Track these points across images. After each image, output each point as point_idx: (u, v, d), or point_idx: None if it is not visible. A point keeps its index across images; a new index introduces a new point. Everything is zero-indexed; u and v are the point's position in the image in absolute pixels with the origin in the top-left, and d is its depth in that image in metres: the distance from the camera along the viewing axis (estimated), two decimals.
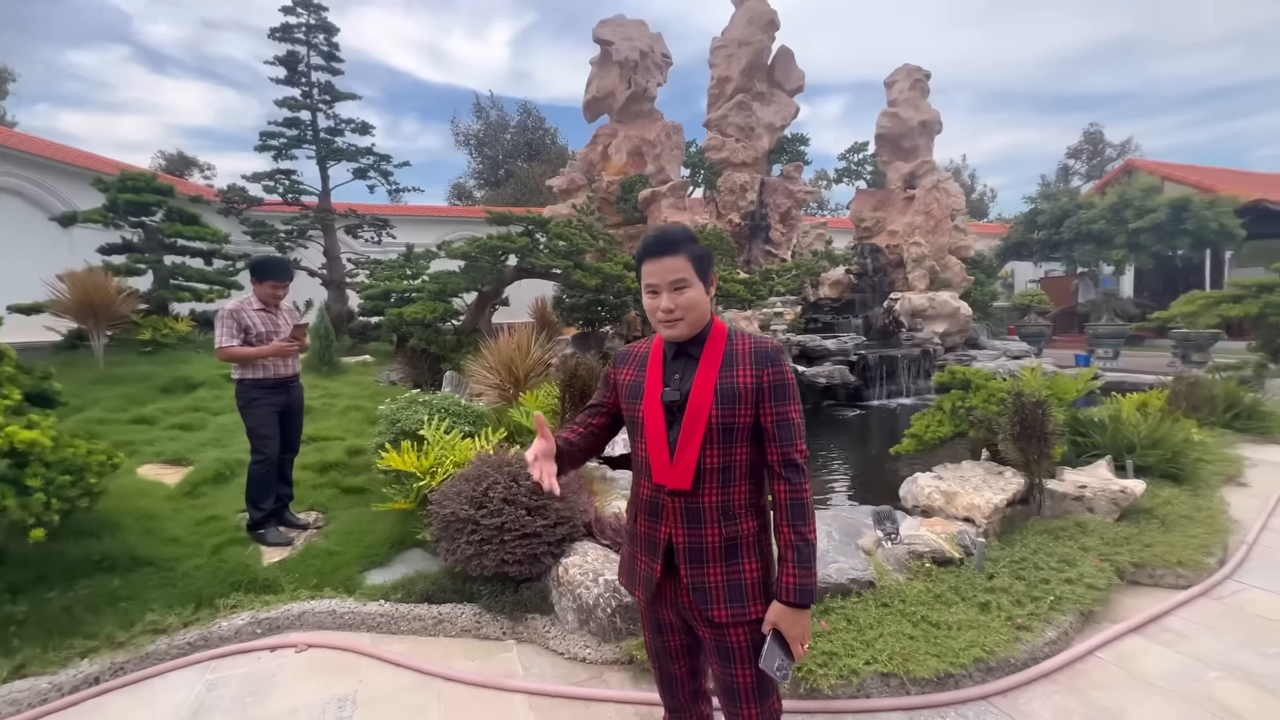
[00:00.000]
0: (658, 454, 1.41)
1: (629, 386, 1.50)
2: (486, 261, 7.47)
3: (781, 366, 1.38)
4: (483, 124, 30.85)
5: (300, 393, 3.99)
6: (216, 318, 3.68)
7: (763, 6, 13.43)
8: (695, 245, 1.41)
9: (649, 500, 1.46)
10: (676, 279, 1.36)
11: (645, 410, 1.43)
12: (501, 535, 2.86)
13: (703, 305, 1.40)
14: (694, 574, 1.40)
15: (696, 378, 1.39)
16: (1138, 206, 14.64)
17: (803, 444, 1.37)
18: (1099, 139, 37.40)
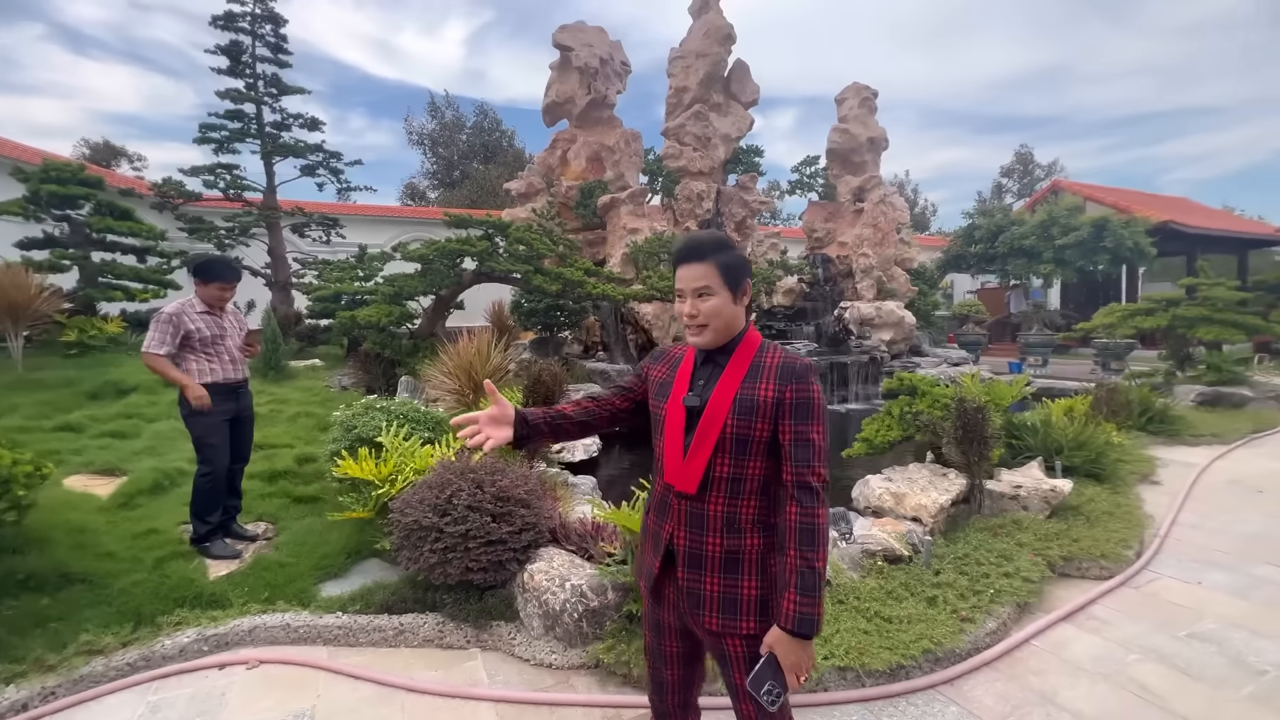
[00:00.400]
0: (672, 454, 1.42)
1: (658, 384, 1.52)
2: (444, 264, 7.34)
3: (807, 384, 1.34)
4: (437, 124, 30.26)
5: (250, 399, 3.84)
6: (153, 319, 3.48)
7: (720, 20, 13.74)
8: (726, 254, 1.40)
9: (660, 497, 1.49)
10: (700, 286, 1.38)
11: (668, 410, 1.45)
12: (466, 543, 2.84)
13: (727, 314, 1.39)
14: (691, 578, 1.41)
15: (718, 386, 1.38)
16: (1063, 224, 15.70)
17: (821, 467, 1.31)
18: (1029, 159, 39.88)
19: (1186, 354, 9.24)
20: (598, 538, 3.11)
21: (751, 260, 14.36)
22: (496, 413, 1.51)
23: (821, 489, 1.30)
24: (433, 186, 30.67)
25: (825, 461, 1.31)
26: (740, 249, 1.46)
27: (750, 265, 1.45)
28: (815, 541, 1.27)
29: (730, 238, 1.49)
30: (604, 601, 2.69)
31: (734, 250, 1.43)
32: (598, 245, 12.07)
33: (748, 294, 1.43)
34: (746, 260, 1.44)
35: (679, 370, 1.49)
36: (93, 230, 8.42)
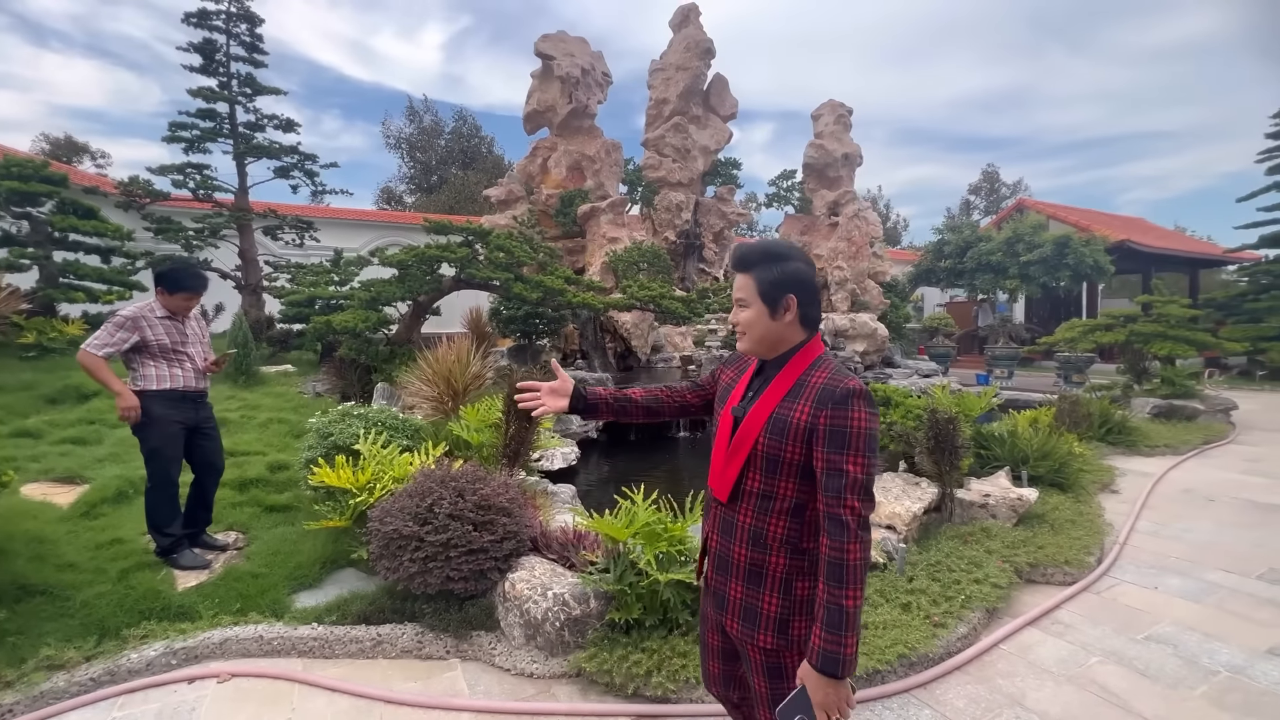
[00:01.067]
0: (715, 460, 1.45)
1: (723, 388, 1.55)
2: (423, 270, 7.28)
3: (846, 411, 1.24)
4: (416, 128, 30.01)
5: (210, 411, 3.73)
6: (107, 319, 3.34)
7: (700, 35, 13.97)
8: (767, 268, 1.35)
9: (707, 497, 1.55)
10: (739, 296, 1.40)
11: (720, 416, 1.47)
12: (447, 552, 2.82)
13: (760, 328, 1.36)
14: (718, 581, 1.45)
15: (758, 401, 1.36)
16: (1028, 241, 16.27)
17: (856, 500, 1.21)
18: (995, 178, 41.24)
19: (1143, 368, 9.65)
20: (579, 546, 3.12)
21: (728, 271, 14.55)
22: (557, 385, 1.60)
23: (854, 522, 1.21)
24: (410, 191, 30.38)
25: (862, 495, 1.22)
26: (798, 262, 1.37)
27: (806, 281, 1.36)
28: (844, 578, 1.20)
29: (787, 249, 1.39)
30: (586, 610, 2.70)
31: (782, 264, 1.35)
32: (577, 253, 12.10)
33: (790, 310, 1.35)
34: (797, 276, 1.35)
35: (742, 378, 1.48)
36: (55, 229, 8.13)
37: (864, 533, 1.22)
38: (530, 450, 4.11)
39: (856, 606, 1.20)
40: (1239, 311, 14.91)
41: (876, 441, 1.26)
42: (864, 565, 1.22)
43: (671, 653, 2.51)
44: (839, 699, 1.21)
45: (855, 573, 1.20)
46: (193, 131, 11.01)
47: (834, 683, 1.20)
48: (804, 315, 1.36)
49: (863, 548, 1.22)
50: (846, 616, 1.19)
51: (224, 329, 9.32)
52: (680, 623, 2.64)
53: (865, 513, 1.22)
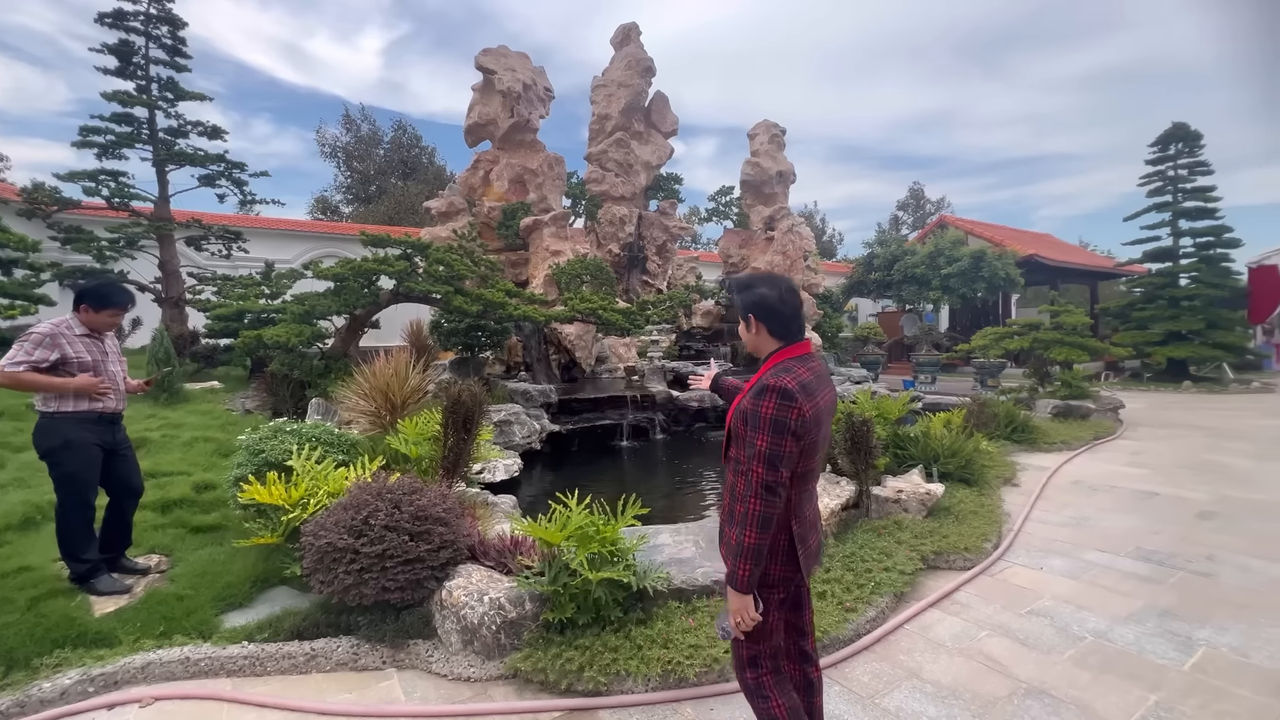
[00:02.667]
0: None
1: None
2: (360, 284, 7.17)
3: (759, 400, 1.62)
4: (353, 136, 29.18)
5: (125, 433, 3.62)
6: (20, 338, 3.21)
7: (640, 54, 14.36)
8: (741, 294, 1.82)
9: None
10: (736, 319, 1.86)
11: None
12: (383, 562, 2.87)
13: (746, 338, 1.85)
14: (722, 527, 1.82)
15: (739, 396, 1.78)
16: (948, 255, 17.43)
17: (760, 467, 1.59)
18: (921, 195, 43.83)
19: (1045, 372, 10.54)
20: (517, 552, 3.22)
21: (671, 283, 14.91)
22: None
23: (756, 481, 1.59)
24: (347, 201, 29.46)
25: (764, 463, 1.59)
26: (761, 289, 1.78)
27: (762, 303, 1.76)
28: (743, 520, 1.61)
29: (754, 279, 1.83)
30: (522, 613, 2.80)
31: (751, 291, 1.80)
32: (520, 266, 12.13)
33: (756, 327, 1.78)
34: (757, 300, 1.77)
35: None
36: None
37: (764, 492, 1.59)
38: (469, 462, 4.17)
39: (751, 543, 1.61)
40: (1129, 319, 16.45)
41: (783, 425, 1.59)
42: (759, 514, 1.60)
43: (603, 648, 2.65)
44: (743, 607, 1.65)
45: (751, 518, 1.60)
46: (107, 136, 10.41)
47: (737, 595, 1.65)
48: (772, 329, 1.76)
49: (762, 503, 1.60)
50: (743, 548, 1.62)
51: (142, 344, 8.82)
52: (612, 619, 2.79)
53: (766, 478, 1.59)
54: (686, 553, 3.45)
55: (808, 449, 1.68)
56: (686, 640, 2.72)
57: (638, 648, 2.67)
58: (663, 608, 2.97)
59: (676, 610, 2.96)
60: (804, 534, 1.76)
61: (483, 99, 12.36)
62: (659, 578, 2.96)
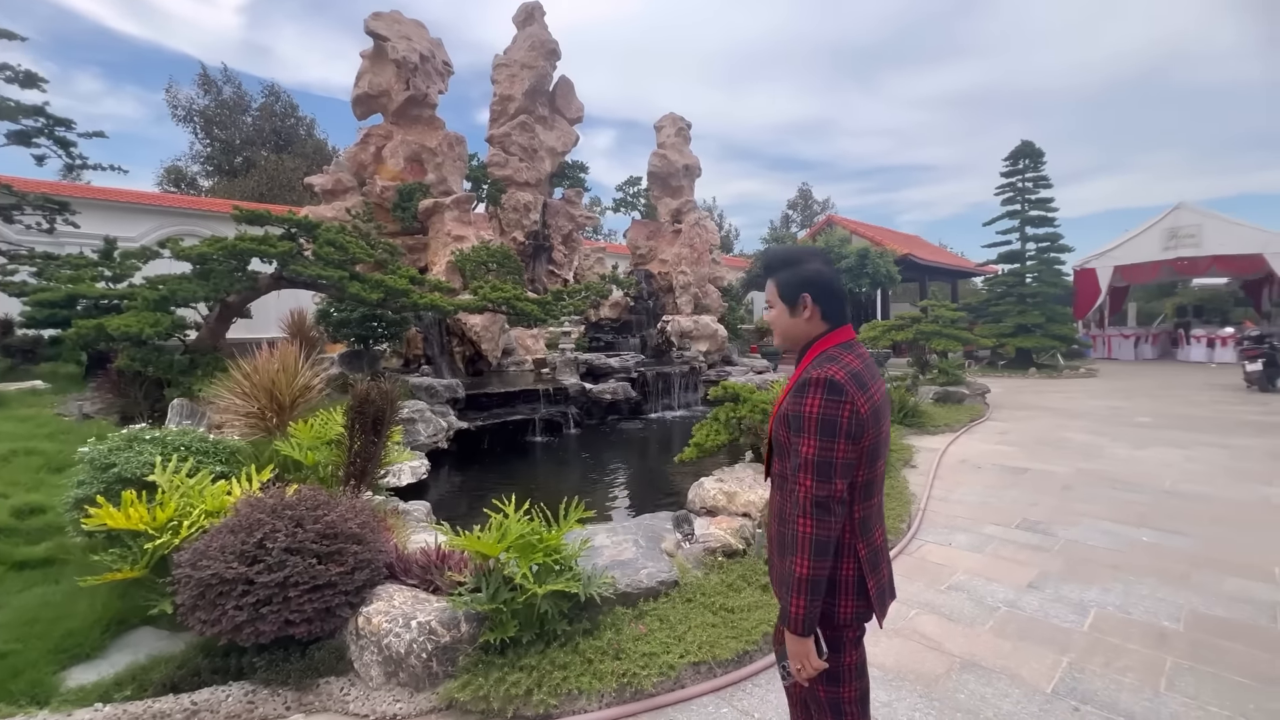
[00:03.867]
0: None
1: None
2: (232, 266, 6.23)
3: (802, 398, 1.35)
4: (213, 99, 25.74)
5: None
6: None
7: (544, 35, 13.85)
8: (786, 271, 1.50)
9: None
10: (767, 298, 1.56)
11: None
12: (285, 592, 2.44)
13: (782, 325, 1.52)
14: (770, 551, 1.60)
15: (780, 396, 1.51)
16: (836, 253, 18.62)
17: (808, 479, 1.31)
18: (809, 195, 46.61)
19: (925, 361, 11.55)
20: (445, 567, 2.90)
21: (577, 273, 14.63)
22: None
23: (804, 498, 1.31)
24: (206, 173, 26.00)
25: (813, 474, 1.31)
26: (815, 264, 1.48)
27: (818, 282, 1.45)
28: (795, 547, 1.32)
29: (805, 253, 1.52)
30: (457, 636, 2.51)
31: (798, 267, 1.48)
32: (419, 252, 11.29)
33: (809, 308, 1.45)
34: (812, 276, 1.46)
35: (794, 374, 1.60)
36: None
37: (815, 510, 1.31)
38: (379, 466, 3.73)
39: (805, 574, 1.31)
40: (986, 314, 18.54)
41: (833, 425, 1.31)
42: (811, 539, 1.31)
43: (551, 666, 2.43)
44: (802, 651, 1.35)
45: (804, 543, 1.32)
46: None
47: (794, 638, 1.36)
48: (825, 311, 1.46)
49: (814, 524, 1.31)
50: (796, 581, 1.32)
51: None
52: (559, 634, 2.58)
53: (816, 491, 1.31)
54: (627, 554, 3.30)
55: (868, 453, 1.37)
56: (639, 649, 2.58)
57: (589, 662, 2.48)
58: (609, 615, 2.80)
59: (624, 616, 2.80)
60: (874, 560, 1.44)
61: (373, 67, 11.30)
62: (604, 583, 2.78)
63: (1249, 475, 5.70)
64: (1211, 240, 17.58)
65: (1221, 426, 8.13)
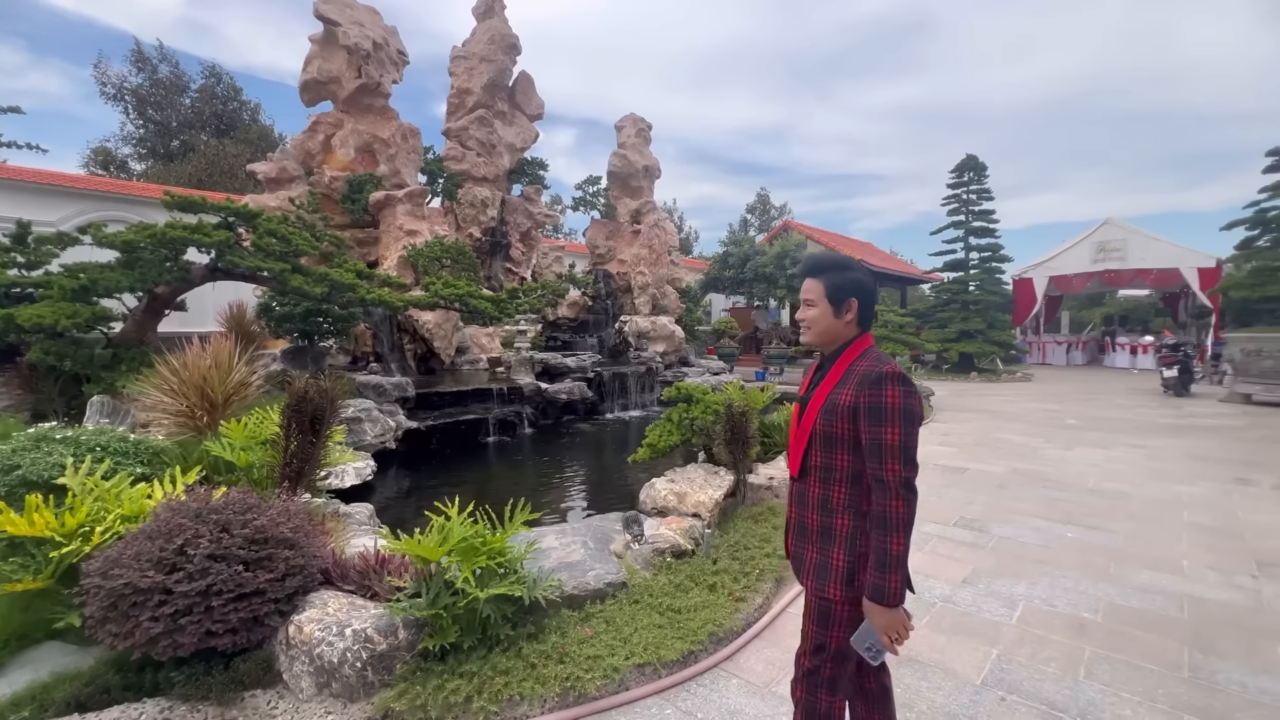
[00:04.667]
0: (791, 444, 1.70)
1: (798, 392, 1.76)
2: (163, 255, 5.86)
3: (881, 390, 1.49)
4: (147, 78, 24.27)
5: None
6: None
7: (505, 28, 13.64)
8: (837, 274, 1.63)
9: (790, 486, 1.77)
10: (808, 297, 1.66)
11: (795, 406, 1.74)
12: (208, 601, 2.30)
13: (823, 324, 1.64)
14: (796, 546, 1.72)
15: (818, 389, 1.63)
16: (793, 256, 19.02)
17: (897, 464, 1.46)
18: (767, 200, 47.51)
19: None
20: (384, 572, 2.80)
21: (536, 272, 14.47)
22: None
23: (895, 482, 1.46)
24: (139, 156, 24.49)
25: (902, 459, 1.46)
26: (860, 273, 1.65)
27: (863, 288, 1.63)
28: (888, 525, 1.47)
29: (846, 259, 1.69)
30: (394, 643, 2.42)
31: (848, 272, 1.64)
32: (369, 245, 10.94)
33: (852, 311, 1.62)
34: (860, 283, 1.63)
35: (808, 374, 1.76)
36: None
37: (905, 491, 1.47)
38: (317, 468, 3.58)
39: (900, 550, 1.48)
40: (932, 320, 19.28)
41: (912, 413, 1.50)
42: (908, 518, 1.48)
43: (493, 672, 2.38)
44: (895, 622, 1.50)
45: (899, 523, 1.47)
46: None
47: (886, 610, 1.49)
48: (862, 315, 1.64)
49: (905, 504, 1.47)
50: (891, 557, 1.48)
51: None
52: (502, 639, 2.52)
53: (907, 474, 1.47)
54: (575, 556, 3.26)
55: None
56: (584, 651, 2.55)
57: (532, 666, 2.44)
58: (555, 618, 2.77)
59: (570, 619, 2.77)
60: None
61: (323, 52, 10.88)
62: (550, 586, 2.74)
63: (1163, 474, 6.10)
64: (1135, 254, 18.79)
65: (1140, 429, 8.69)
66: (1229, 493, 5.43)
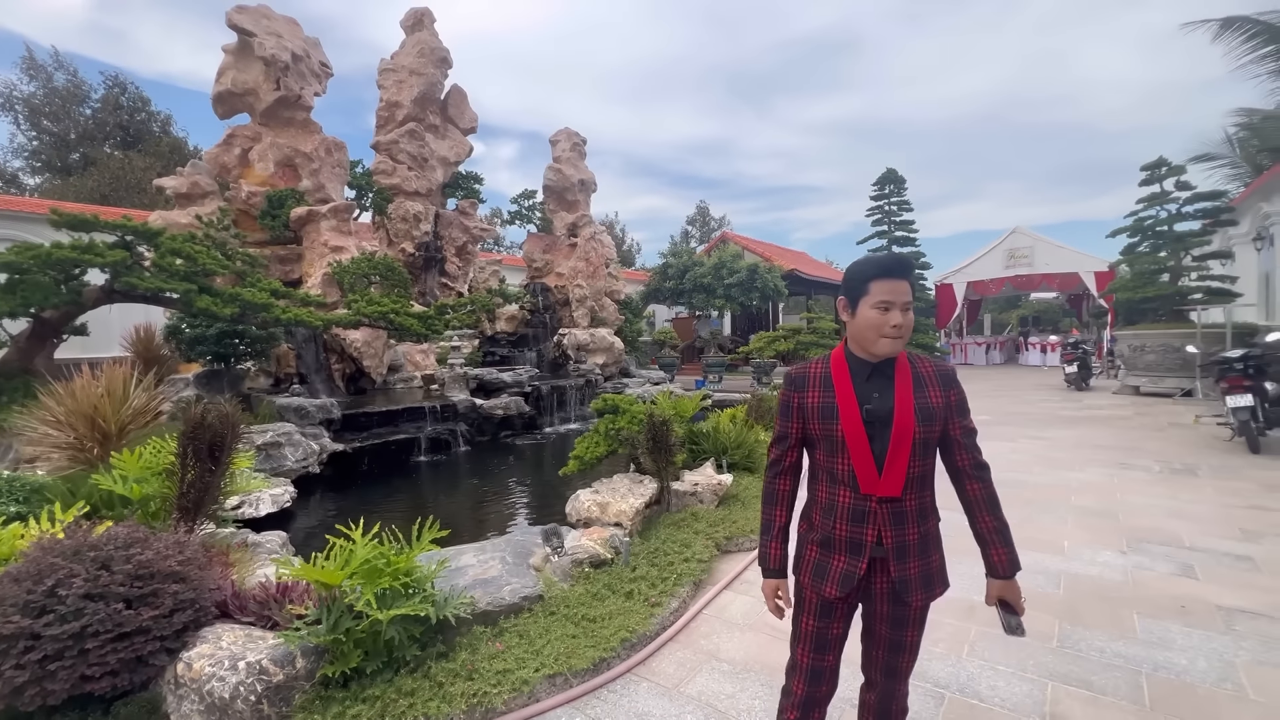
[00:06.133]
0: (864, 467, 1.54)
1: (820, 408, 1.60)
2: (50, 277, 5.47)
3: (958, 383, 1.62)
4: (41, 86, 22.56)
5: None
6: None
7: (435, 41, 13.51)
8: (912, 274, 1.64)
9: (853, 507, 1.59)
10: (908, 300, 1.54)
11: (845, 428, 1.55)
12: (81, 644, 2.18)
13: (910, 323, 1.60)
14: (900, 568, 1.58)
15: (898, 397, 1.54)
16: (729, 268, 19.52)
17: (979, 447, 1.63)
18: (707, 212, 48.55)
19: None
20: (286, 600, 2.71)
21: (473, 286, 14.28)
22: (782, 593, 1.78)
23: (986, 463, 1.63)
24: (32, 169, 22.66)
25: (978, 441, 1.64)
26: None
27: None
28: (998, 502, 1.62)
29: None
30: (292, 673, 2.36)
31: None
32: (291, 263, 10.53)
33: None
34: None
35: (837, 388, 1.60)
36: None
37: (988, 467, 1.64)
38: (218, 497, 3.43)
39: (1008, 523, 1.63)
40: None
41: None
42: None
43: (397, 694, 2.35)
44: (1019, 589, 1.63)
45: (997, 500, 1.63)
46: None
47: (1015, 581, 1.62)
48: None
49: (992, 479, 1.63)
50: (1009, 527, 1.63)
51: None
52: (408, 660, 2.50)
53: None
54: (493, 571, 3.26)
55: None
56: (493, 667, 2.56)
57: (439, 686, 2.43)
58: (466, 635, 2.76)
59: (482, 636, 2.77)
60: None
61: (237, 63, 10.46)
62: (461, 604, 2.74)
63: (1057, 463, 6.63)
64: (1041, 260, 20.32)
65: (1043, 421, 9.40)
66: (1111, 477, 5.95)
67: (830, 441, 1.60)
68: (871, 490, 1.56)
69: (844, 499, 1.60)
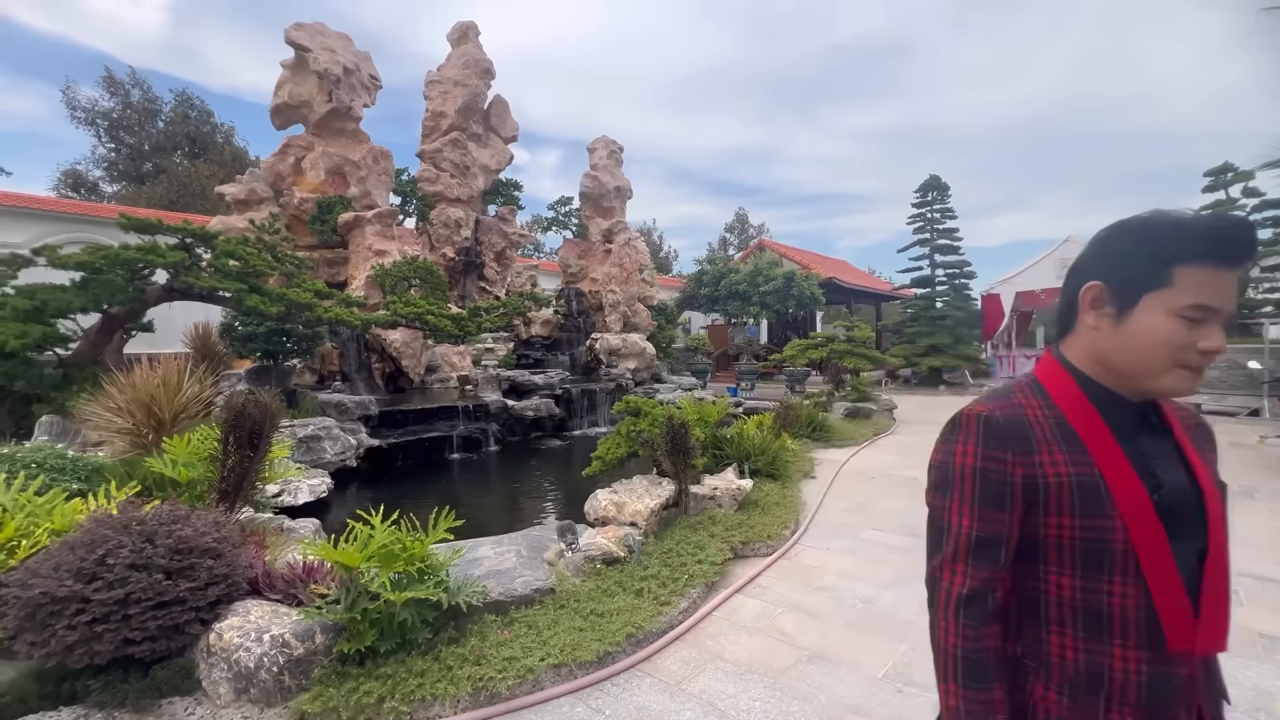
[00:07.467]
0: (1170, 599, 0.86)
1: (1078, 486, 0.88)
2: (120, 276, 5.91)
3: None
4: (119, 102, 24.26)
5: None
6: None
7: (479, 54, 13.95)
8: None
9: (1150, 682, 0.87)
10: (1234, 307, 0.89)
11: (1132, 527, 0.85)
12: (125, 609, 2.37)
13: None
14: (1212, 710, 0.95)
15: (1195, 465, 0.91)
16: (766, 275, 19.39)
17: None
18: (746, 220, 48.34)
19: (840, 378, 12.17)
20: (310, 581, 2.87)
21: (510, 290, 14.61)
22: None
23: None
24: (111, 178, 24.37)
25: None
26: None
27: None
28: None
29: None
30: (311, 648, 2.50)
31: None
32: (338, 266, 11.02)
33: None
34: None
35: (1092, 449, 0.90)
36: None
37: None
38: (255, 483, 3.64)
39: None
40: (903, 335, 19.71)
41: None
42: None
43: (408, 674, 2.46)
44: None
45: None
46: None
47: None
48: None
49: None
50: None
51: None
52: (419, 642, 2.61)
53: None
54: (507, 563, 3.36)
55: None
56: (501, 654, 2.64)
57: (447, 669, 2.53)
58: (478, 623, 2.85)
59: (492, 624, 2.86)
60: None
61: (294, 77, 11.06)
62: (474, 592, 2.84)
63: None
64: None
65: None
66: None
67: (1098, 551, 0.88)
68: (1187, 645, 0.87)
69: (1130, 665, 0.88)
